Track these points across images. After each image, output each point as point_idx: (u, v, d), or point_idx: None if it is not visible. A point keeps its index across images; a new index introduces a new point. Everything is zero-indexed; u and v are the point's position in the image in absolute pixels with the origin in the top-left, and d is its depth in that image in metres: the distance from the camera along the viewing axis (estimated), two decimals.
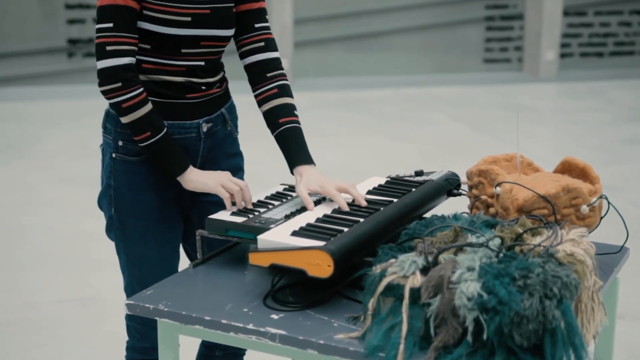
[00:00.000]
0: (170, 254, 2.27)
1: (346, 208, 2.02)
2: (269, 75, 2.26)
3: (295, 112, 2.25)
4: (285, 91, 2.26)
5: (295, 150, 2.17)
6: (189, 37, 2.13)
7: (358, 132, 7.14)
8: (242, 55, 2.28)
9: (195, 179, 2.13)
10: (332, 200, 2.11)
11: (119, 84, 2.06)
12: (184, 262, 2.33)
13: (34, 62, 8.82)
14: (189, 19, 2.10)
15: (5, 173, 5.81)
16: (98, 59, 2.07)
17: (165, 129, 2.11)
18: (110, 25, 2.05)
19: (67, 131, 6.69)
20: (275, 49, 2.29)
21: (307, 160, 2.16)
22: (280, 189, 2.27)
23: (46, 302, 3.85)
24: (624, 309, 3.70)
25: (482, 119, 7.65)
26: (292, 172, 2.17)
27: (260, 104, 2.25)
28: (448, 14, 10.14)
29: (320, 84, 9.19)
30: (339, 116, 7.72)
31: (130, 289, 2.26)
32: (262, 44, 2.26)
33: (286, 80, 2.28)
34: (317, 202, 2.11)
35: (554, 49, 9.99)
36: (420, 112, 7.94)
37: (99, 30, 2.07)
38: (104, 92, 2.09)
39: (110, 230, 2.26)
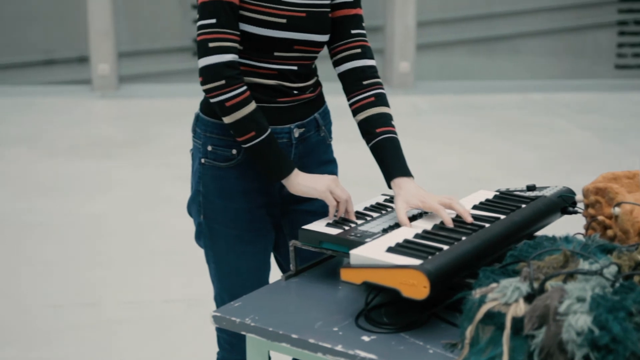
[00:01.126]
0: (261, 264, 2.19)
1: (451, 224, 1.89)
2: (365, 83, 2.15)
3: (392, 122, 2.13)
4: (382, 100, 2.14)
5: (392, 161, 2.06)
6: (283, 40, 2.04)
7: (479, 138, 6.93)
8: (337, 63, 2.18)
9: (303, 182, 2.03)
10: (432, 215, 1.99)
11: (222, 82, 1.99)
12: (274, 273, 2.25)
13: (160, 61, 9.01)
14: (284, 20, 2.02)
15: (125, 169, 5.92)
16: (200, 56, 2.01)
17: (269, 130, 2.03)
18: (213, 21, 1.98)
19: (186, 129, 6.73)
20: (371, 57, 2.18)
21: (406, 172, 2.05)
22: (380, 199, 2.15)
23: (154, 301, 3.86)
24: None
25: (612, 128, 7.30)
26: (389, 185, 2.05)
27: (355, 113, 2.15)
28: (578, 17, 9.77)
29: (442, 87, 9.01)
30: (461, 120, 7.53)
31: (220, 299, 2.20)
32: (359, 50, 2.16)
33: (383, 89, 2.17)
34: (415, 217, 1.99)
35: None
36: (546, 119, 7.66)
37: (201, 27, 2.00)
38: (206, 91, 2.01)
39: (199, 238, 2.20)
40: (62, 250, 4.46)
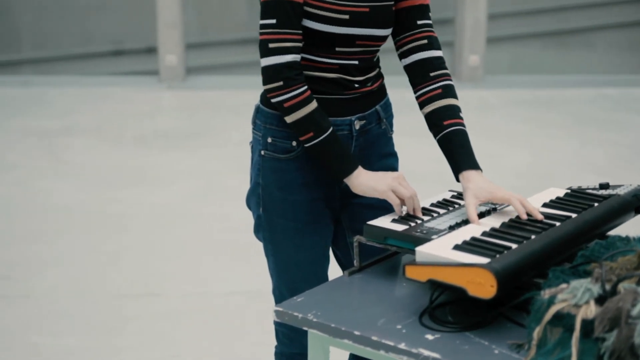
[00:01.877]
0: (320, 258, 2.16)
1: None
2: (432, 74, 2.10)
3: (461, 114, 2.09)
4: (450, 92, 2.10)
5: (461, 154, 2.01)
6: (345, 36, 2.02)
7: (550, 134, 6.79)
8: (403, 55, 2.14)
9: (364, 182, 2.00)
10: (502, 210, 1.94)
11: (280, 83, 1.98)
12: (332, 267, 2.22)
13: (228, 52, 9.06)
14: (346, 17, 1.99)
15: (191, 160, 5.95)
16: (262, 57, 2.00)
17: (330, 129, 2.01)
18: (274, 21, 1.97)
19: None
20: (439, 47, 2.14)
21: (474, 165, 2.00)
22: (447, 195, 2.11)
23: (215, 293, 3.87)
24: None
25: None
26: (457, 178, 2.01)
27: (422, 105, 2.11)
28: None
29: (513, 81, 8.85)
30: (531, 116, 7.39)
31: (278, 292, 2.18)
32: (425, 41, 2.12)
33: (451, 80, 2.12)
34: (483, 214, 1.94)
35: None
36: (618, 115, 7.47)
37: (262, 27, 1.99)
38: (267, 91, 2.01)
39: (258, 231, 2.19)
40: (128, 240, 4.51)
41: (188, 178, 5.56)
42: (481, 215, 1.93)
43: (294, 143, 2.08)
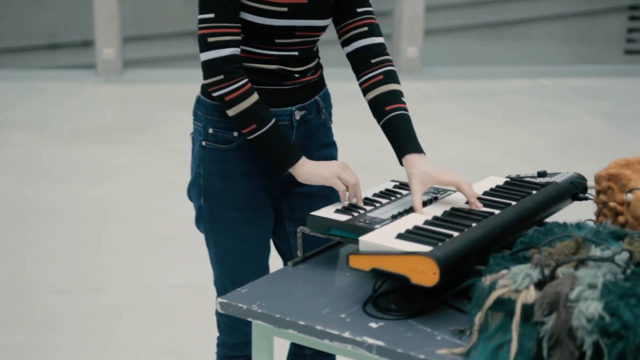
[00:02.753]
0: (261, 248, 2.18)
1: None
2: (374, 61, 2.12)
3: (403, 98, 2.11)
4: (392, 77, 2.12)
5: (404, 138, 2.03)
6: (284, 28, 2.02)
7: (488, 124, 6.89)
8: (345, 43, 2.15)
9: (309, 170, 2.02)
10: (444, 199, 1.96)
11: (221, 77, 1.98)
12: (273, 256, 2.23)
13: (166, 45, 8.98)
14: (285, 9, 2.00)
15: (130, 154, 5.90)
16: (201, 51, 2.00)
17: (273, 120, 2.01)
18: (212, 15, 1.97)
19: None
20: (380, 34, 2.15)
21: (417, 149, 2.02)
22: (390, 185, 2.13)
23: (159, 287, 3.85)
24: None
25: (621, 114, 7.25)
26: (400, 162, 2.03)
27: (365, 92, 2.12)
28: (589, 2, 9.70)
29: (450, 73, 8.95)
30: (469, 106, 7.48)
31: (220, 283, 2.19)
32: (366, 28, 2.13)
33: (393, 66, 2.14)
34: (426, 203, 1.96)
35: None
36: (554, 105, 7.61)
37: (201, 21, 1.99)
38: (207, 85, 2.01)
39: (199, 222, 2.18)
40: (67, 236, 4.45)
41: (128, 172, 5.51)
42: (424, 204, 1.95)
43: (235, 133, 2.08)
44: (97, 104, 7.43)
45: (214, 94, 2.01)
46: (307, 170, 2.02)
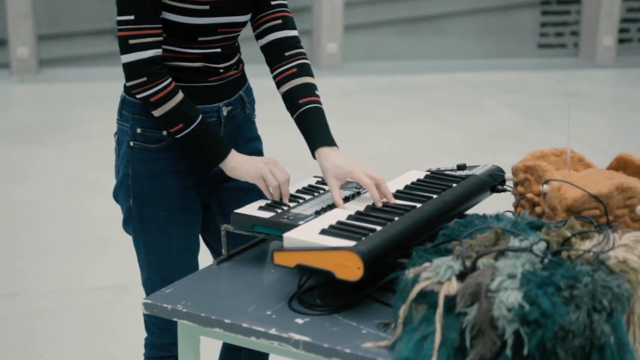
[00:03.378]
0: (192, 246, 2.17)
1: (379, 204, 1.89)
2: (287, 54, 2.13)
3: (317, 92, 2.12)
4: (306, 70, 2.13)
5: (317, 131, 2.04)
6: (207, 26, 2.02)
7: (408, 118, 6.97)
8: (259, 36, 2.16)
9: (238, 166, 2.02)
10: (367, 194, 1.98)
11: (144, 79, 1.97)
12: (203, 254, 2.23)
13: (83, 44, 8.82)
14: (207, 7, 1.99)
15: (48, 155, 5.78)
16: (122, 53, 1.97)
17: (199, 117, 2.01)
18: (132, 17, 1.95)
19: (110, 114, 6.61)
20: (294, 27, 2.17)
21: (330, 141, 2.03)
22: (312, 181, 2.14)
23: (81, 289, 3.79)
24: None
25: (536, 106, 7.42)
26: (313, 155, 2.04)
27: (279, 85, 2.13)
28: None
29: (370, 68, 9.03)
30: (389, 101, 7.56)
31: (150, 283, 2.17)
32: (280, 21, 2.14)
33: (306, 59, 2.16)
34: (348, 198, 1.98)
35: (612, 34, 9.67)
36: (473, 98, 7.74)
37: (120, 23, 1.96)
38: (130, 87, 2.00)
39: (128, 224, 2.16)
40: None
41: (46, 173, 5.40)
42: (346, 199, 1.97)
43: (164, 132, 2.07)
44: (13, 104, 7.26)
45: (138, 96, 2.00)
46: (235, 166, 2.02)
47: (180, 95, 2.00)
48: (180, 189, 2.11)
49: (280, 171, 2.01)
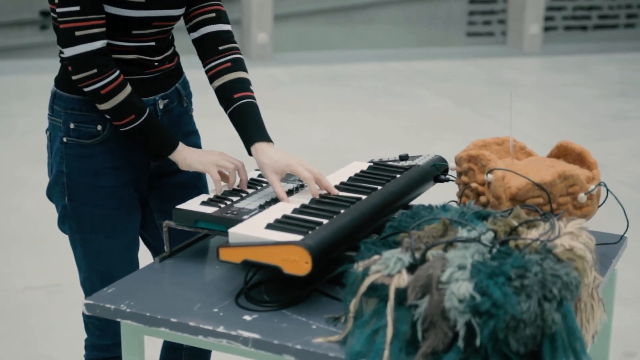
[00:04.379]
0: (131, 244, 2.11)
1: (317, 196, 1.87)
2: (221, 48, 2.09)
3: (251, 87, 2.09)
4: (240, 65, 2.10)
5: (252, 126, 2.01)
6: (142, 19, 1.97)
7: (341, 108, 6.97)
8: (192, 29, 2.12)
9: (189, 155, 1.99)
10: (305, 188, 1.96)
11: (94, 71, 1.91)
12: (142, 252, 2.18)
13: (5, 35, 8.59)
14: (142, 0, 1.94)
15: None
16: (66, 46, 1.91)
17: (148, 109, 1.97)
18: (77, 8, 1.88)
19: (40, 108, 6.46)
20: (227, 21, 2.13)
21: (265, 137, 2.00)
22: (254, 175, 2.11)
23: (12, 289, 3.68)
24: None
25: (467, 95, 7.50)
26: (248, 151, 2.00)
27: (212, 79, 2.09)
28: None
29: (301, 58, 9.00)
30: (321, 91, 7.55)
31: (89, 283, 2.11)
32: (214, 14, 2.10)
33: (240, 53, 2.12)
34: (292, 191, 1.95)
35: (538, 22, 9.83)
36: (405, 87, 7.78)
37: (64, 15, 1.89)
38: (78, 81, 1.93)
39: (63, 222, 2.09)
40: None
41: None
42: (289, 192, 1.94)
43: (99, 127, 2.01)
44: None
45: (87, 89, 1.93)
46: (187, 156, 1.99)
47: (129, 87, 1.95)
48: (117, 186, 2.05)
49: (231, 159, 1.98)
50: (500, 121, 6.57)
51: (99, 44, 1.91)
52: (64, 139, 2.03)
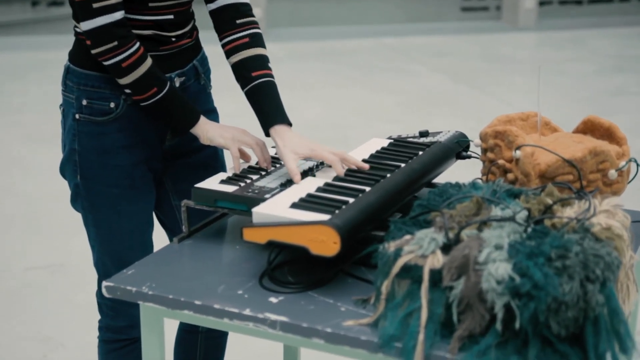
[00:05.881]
0: (145, 225, 2.05)
1: (342, 174, 1.81)
2: (238, 22, 2.01)
3: (269, 64, 2.02)
4: (258, 41, 2.02)
5: (271, 107, 1.94)
6: None
7: (337, 84, 6.90)
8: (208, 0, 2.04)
9: (211, 129, 1.93)
10: (324, 168, 1.89)
11: (115, 43, 1.84)
12: (157, 232, 2.12)
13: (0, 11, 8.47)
14: None
15: None
16: (84, 19, 1.83)
17: (169, 81, 1.91)
18: None
19: (33, 84, 6.39)
20: None
21: (285, 119, 1.94)
22: (272, 152, 2.05)
23: (15, 270, 3.62)
24: None
25: (463, 70, 7.43)
26: (266, 133, 1.94)
27: (228, 54, 2.02)
28: None
29: (295, 34, 8.90)
30: (317, 68, 7.47)
31: (102, 264, 2.05)
32: None
33: (258, 28, 2.05)
34: (306, 172, 1.88)
35: None
36: (400, 63, 7.71)
37: None
38: (98, 54, 1.86)
39: (76, 201, 2.03)
40: None
41: None
42: (305, 174, 1.87)
43: (112, 104, 1.94)
44: None
45: (108, 62, 1.86)
46: (209, 129, 1.94)
47: (150, 59, 1.89)
48: (130, 165, 1.99)
49: (252, 137, 1.92)
50: (498, 97, 6.52)
51: (118, 14, 1.84)
52: (77, 116, 1.96)
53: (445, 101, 6.41)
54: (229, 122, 2.09)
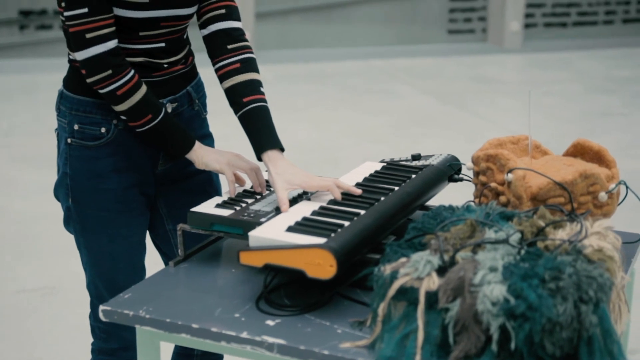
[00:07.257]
0: (136, 248, 2.06)
1: (340, 198, 1.82)
2: (230, 47, 2.03)
3: (262, 89, 2.03)
4: (250, 66, 2.03)
5: (263, 133, 1.95)
6: (148, 20, 1.92)
7: (326, 106, 6.94)
8: (202, 26, 2.06)
9: (206, 154, 1.96)
10: (317, 195, 1.90)
11: (110, 72, 1.86)
12: (150, 256, 2.14)
13: None
14: (146, 0, 1.89)
15: None
16: (78, 49, 1.86)
17: (163, 107, 1.93)
18: (85, 10, 1.83)
19: (21, 107, 6.39)
20: (237, 18, 2.07)
21: (277, 144, 1.94)
22: (267, 176, 2.06)
23: (5, 292, 3.62)
24: None
25: (450, 91, 7.49)
26: (259, 158, 1.95)
27: (221, 79, 2.03)
28: None
29: (283, 56, 8.95)
30: (305, 89, 7.51)
31: (94, 286, 2.06)
32: (223, 11, 2.04)
33: (251, 53, 2.06)
34: (296, 199, 1.89)
35: (518, 19, 9.84)
36: (387, 85, 7.76)
37: (72, 18, 1.84)
38: (93, 83, 1.88)
39: (68, 223, 2.05)
40: None
41: None
42: (294, 200, 1.87)
43: (103, 129, 1.96)
44: None
45: (103, 91, 1.89)
46: (204, 154, 1.96)
47: (145, 86, 1.91)
48: (121, 189, 2.01)
49: (248, 161, 1.94)
50: (485, 117, 6.57)
51: (111, 44, 1.87)
52: (69, 140, 1.99)
53: (433, 122, 6.45)
54: (227, 144, 2.11)
